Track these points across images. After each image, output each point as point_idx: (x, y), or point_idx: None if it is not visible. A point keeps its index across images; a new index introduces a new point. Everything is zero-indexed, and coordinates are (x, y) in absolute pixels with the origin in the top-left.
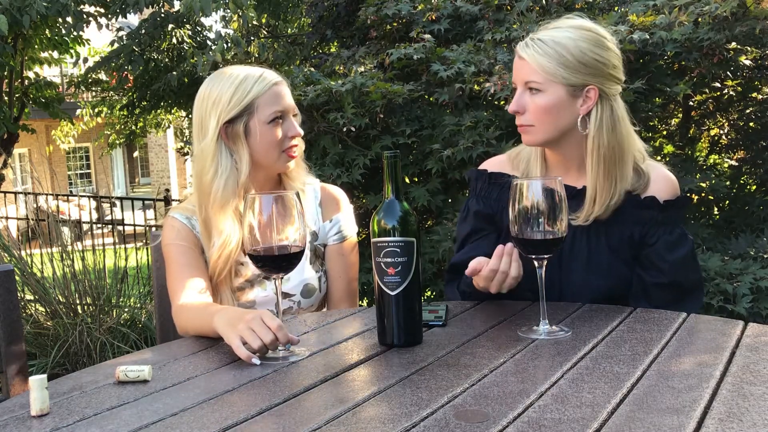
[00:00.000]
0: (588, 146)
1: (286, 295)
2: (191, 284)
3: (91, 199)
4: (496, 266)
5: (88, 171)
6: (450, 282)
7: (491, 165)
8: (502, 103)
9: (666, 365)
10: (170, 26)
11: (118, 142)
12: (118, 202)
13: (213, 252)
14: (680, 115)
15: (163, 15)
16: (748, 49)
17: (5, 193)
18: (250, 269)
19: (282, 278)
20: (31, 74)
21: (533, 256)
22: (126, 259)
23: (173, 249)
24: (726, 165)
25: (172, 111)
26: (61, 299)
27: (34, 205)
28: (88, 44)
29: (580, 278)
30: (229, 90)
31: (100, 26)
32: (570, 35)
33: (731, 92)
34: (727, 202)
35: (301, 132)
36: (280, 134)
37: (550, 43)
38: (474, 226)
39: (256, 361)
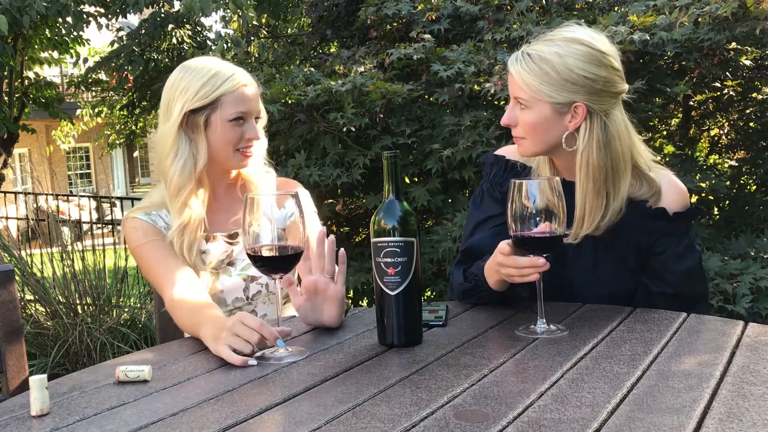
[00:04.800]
0: (576, 162)
1: (252, 279)
2: (177, 275)
3: (91, 199)
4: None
5: (88, 171)
6: (460, 263)
7: (509, 152)
8: (502, 103)
9: (666, 365)
10: (170, 26)
11: (118, 142)
12: (118, 202)
13: (171, 231)
14: (680, 115)
15: (163, 15)
16: (749, 49)
17: (5, 193)
18: (213, 257)
19: (281, 278)
20: (31, 74)
21: (532, 255)
22: (126, 259)
23: (145, 248)
24: (726, 165)
25: None
26: (61, 299)
27: (34, 205)
28: (88, 44)
29: (583, 282)
30: (198, 82)
31: (100, 26)
32: (558, 50)
33: (731, 92)
34: (727, 202)
35: (260, 136)
36: (237, 134)
37: (536, 60)
38: (492, 210)
39: (252, 362)
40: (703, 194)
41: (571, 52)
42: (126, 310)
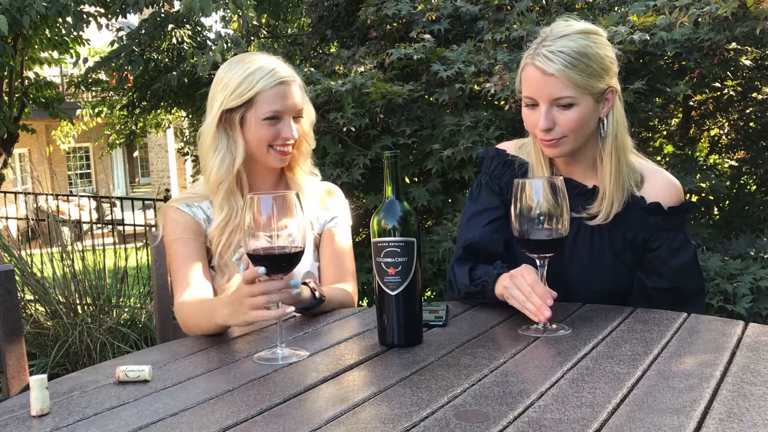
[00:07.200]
0: (607, 147)
1: None
2: (194, 279)
3: (91, 199)
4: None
5: (88, 171)
6: (462, 260)
7: (509, 148)
8: (502, 103)
9: (666, 365)
10: (170, 26)
11: (118, 142)
12: (118, 202)
13: (213, 228)
14: (680, 115)
15: (163, 15)
16: (749, 49)
17: (5, 193)
18: None
19: (282, 278)
20: (31, 74)
21: (535, 255)
22: (126, 259)
23: (178, 243)
24: (726, 165)
25: (172, 111)
26: (61, 299)
27: (34, 205)
28: (88, 44)
29: (578, 277)
30: (238, 79)
31: (100, 26)
32: (586, 42)
33: (731, 92)
34: (727, 202)
35: (296, 135)
36: (271, 133)
37: (574, 55)
38: (489, 203)
39: (289, 309)
40: (703, 194)
41: (596, 42)
42: (126, 310)
